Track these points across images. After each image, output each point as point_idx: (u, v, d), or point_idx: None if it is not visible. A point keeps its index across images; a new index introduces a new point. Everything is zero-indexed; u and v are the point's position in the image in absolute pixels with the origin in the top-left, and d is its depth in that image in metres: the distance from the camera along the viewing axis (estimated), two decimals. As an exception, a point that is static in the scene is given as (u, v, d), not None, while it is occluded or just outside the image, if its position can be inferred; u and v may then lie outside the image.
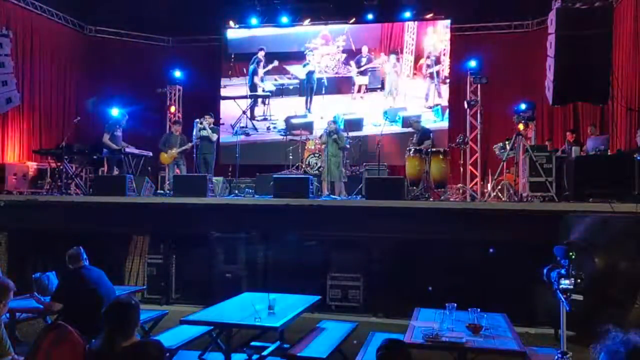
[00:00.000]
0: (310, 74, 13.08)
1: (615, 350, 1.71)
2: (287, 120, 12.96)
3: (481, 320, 4.33)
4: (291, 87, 13.24)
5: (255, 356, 5.28)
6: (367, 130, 12.49)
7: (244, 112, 11.83)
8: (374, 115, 12.57)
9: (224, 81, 13.45)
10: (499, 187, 8.64)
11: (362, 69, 12.88)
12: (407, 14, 12.31)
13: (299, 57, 13.15)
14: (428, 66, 12.46)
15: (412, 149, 9.19)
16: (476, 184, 9.93)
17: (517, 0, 11.56)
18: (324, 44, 13.05)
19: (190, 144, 10.23)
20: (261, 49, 13.26)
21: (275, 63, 13.18)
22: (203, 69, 13.15)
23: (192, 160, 10.35)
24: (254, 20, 13.04)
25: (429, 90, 12.45)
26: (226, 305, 5.25)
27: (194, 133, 10.44)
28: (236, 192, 9.90)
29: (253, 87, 13.33)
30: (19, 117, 10.87)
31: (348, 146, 10.18)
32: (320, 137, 10.14)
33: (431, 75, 12.41)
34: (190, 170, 10.38)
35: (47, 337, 3.56)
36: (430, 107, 12.45)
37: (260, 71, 13.30)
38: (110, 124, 10.01)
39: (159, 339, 3.56)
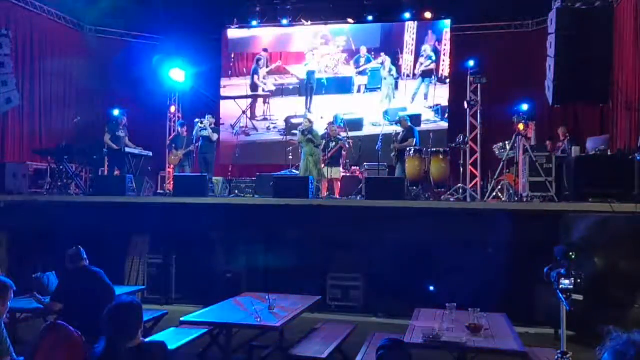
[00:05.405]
0: (310, 73, 13.07)
1: (623, 352, 1.65)
2: (287, 120, 12.95)
3: (481, 320, 4.32)
4: (291, 87, 13.25)
5: (255, 356, 5.28)
6: (367, 130, 12.46)
7: (244, 112, 11.87)
8: (373, 115, 12.56)
9: (223, 81, 13.48)
10: (499, 187, 8.63)
11: (360, 69, 12.87)
12: (407, 14, 12.31)
13: (299, 57, 13.17)
14: (422, 64, 12.47)
15: (396, 147, 9.42)
16: (476, 184, 9.91)
17: (517, 0, 11.55)
18: (324, 43, 13.04)
19: (193, 145, 10.30)
20: (265, 50, 13.25)
21: (279, 63, 13.16)
22: (203, 69, 13.13)
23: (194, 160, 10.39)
24: (254, 22, 13.04)
25: (428, 90, 12.46)
26: (226, 305, 5.25)
27: (194, 133, 10.51)
28: (236, 192, 9.90)
29: (254, 86, 13.33)
30: (19, 117, 10.85)
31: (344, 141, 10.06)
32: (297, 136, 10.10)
33: (427, 73, 12.41)
34: (193, 171, 10.41)
35: (47, 337, 3.56)
36: (431, 107, 12.46)
37: (262, 71, 13.29)
38: (112, 124, 10.06)
39: (159, 339, 3.56)
